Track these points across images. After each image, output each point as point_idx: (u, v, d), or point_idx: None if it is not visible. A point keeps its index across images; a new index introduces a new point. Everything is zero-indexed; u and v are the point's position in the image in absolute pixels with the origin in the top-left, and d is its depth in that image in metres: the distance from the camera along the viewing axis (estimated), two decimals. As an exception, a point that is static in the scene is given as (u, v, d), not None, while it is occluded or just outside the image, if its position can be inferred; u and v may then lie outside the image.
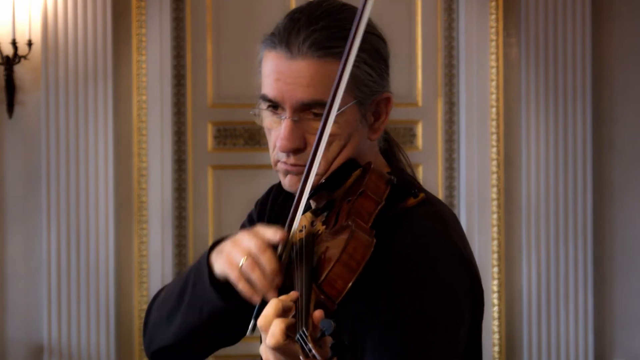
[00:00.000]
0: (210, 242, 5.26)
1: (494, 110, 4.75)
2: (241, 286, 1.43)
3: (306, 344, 1.25)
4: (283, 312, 1.32)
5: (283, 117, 1.52)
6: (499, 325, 4.77)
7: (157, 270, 4.67)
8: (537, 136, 4.72)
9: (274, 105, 1.54)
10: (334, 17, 1.52)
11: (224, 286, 1.49)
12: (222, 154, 4.82)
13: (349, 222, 1.41)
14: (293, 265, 1.42)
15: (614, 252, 4.84)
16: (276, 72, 1.52)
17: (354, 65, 1.47)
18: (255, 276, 1.42)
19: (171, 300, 1.61)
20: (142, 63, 4.66)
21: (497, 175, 4.76)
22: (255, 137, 4.80)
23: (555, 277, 4.72)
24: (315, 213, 1.52)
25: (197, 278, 1.55)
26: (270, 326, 1.30)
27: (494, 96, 4.74)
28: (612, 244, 4.84)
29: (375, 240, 1.38)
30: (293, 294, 1.35)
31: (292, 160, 1.53)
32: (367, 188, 1.46)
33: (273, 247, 1.44)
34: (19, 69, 4.56)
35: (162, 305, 1.65)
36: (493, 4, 4.73)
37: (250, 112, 1.59)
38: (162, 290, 1.72)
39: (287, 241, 1.45)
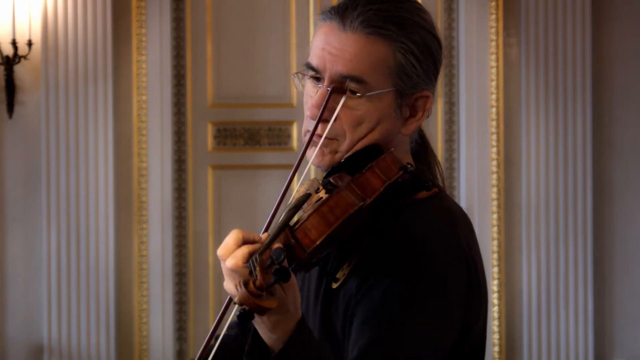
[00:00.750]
0: (210, 242, 5.24)
1: (494, 110, 4.75)
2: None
3: (255, 269, 1.28)
4: (243, 244, 1.35)
5: (320, 86, 1.53)
6: (499, 325, 4.77)
7: (157, 270, 4.67)
8: (537, 136, 4.72)
9: (316, 77, 1.55)
10: (395, 4, 1.53)
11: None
12: (222, 154, 4.82)
13: (342, 184, 1.42)
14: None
15: (614, 252, 4.84)
16: (324, 42, 1.53)
17: (401, 53, 1.50)
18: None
19: None
20: (142, 63, 4.66)
21: (497, 175, 4.76)
22: (255, 137, 4.80)
23: (555, 277, 4.72)
24: (326, 185, 1.52)
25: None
26: (228, 255, 1.34)
27: (494, 96, 4.74)
28: (612, 244, 4.84)
29: (362, 204, 1.38)
30: (262, 236, 1.38)
31: (319, 130, 1.53)
32: (376, 165, 1.46)
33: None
34: (19, 69, 4.56)
35: None
36: (493, 4, 4.73)
37: (292, 74, 1.61)
38: None
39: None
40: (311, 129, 1.53)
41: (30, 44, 4.49)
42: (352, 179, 1.44)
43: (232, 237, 1.36)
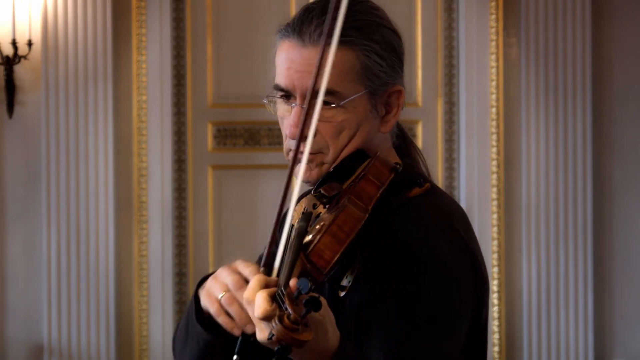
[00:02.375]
0: (210, 242, 5.24)
1: (494, 110, 4.75)
2: (221, 320, 1.45)
3: (283, 303, 1.27)
4: (266, 286, 1.34)
5: (293, 105, 1.54)
6: (499, 325, 4.77)
7: (157, 270, 4.67)
8: (537, 136, 4.72)
9: (287, 95, 1.55)
10: (348, 8, 1.51)
11: (210, 320, 1.50)
12: (222, 154, 4.82)
13: (345, 200, 1.42)
14: (289, 242, 1.43)
15: (614, 252, 4.84)
16: (288, 61, 1.54)
17: (365, 56, 1.50)
18: (234, 310, 1.43)
19: (182, 331, 1.64)
20: (142, 63, 4.66)
21: (497, 175, 4.76)
22: (255, 137, 4.80)
23: (555, 277, 4.72)
24: (320, 198, 1.53)
25: (190, 313, 1.57)
26: (254, 297, 1.33)
27: (494, 96, 4.74)
28: (612, 244, 4.84)
29: (367, 216, 1.39)
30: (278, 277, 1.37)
31: (301, 148, 1.52)
32: (368, 172, 1.46)
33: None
34: (19, 69, 4.56)
35: (179, 336, 1.68)
36: (493, 4, 4.73)
37: (263, 101, 1.61)
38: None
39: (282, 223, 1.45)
40: (293, 147, 1.53)
41: (30, 44, 4.49)
42: (349, 190, 1.44)
43: (255, 281, 1.35)
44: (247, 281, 1.44)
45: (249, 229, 4.70)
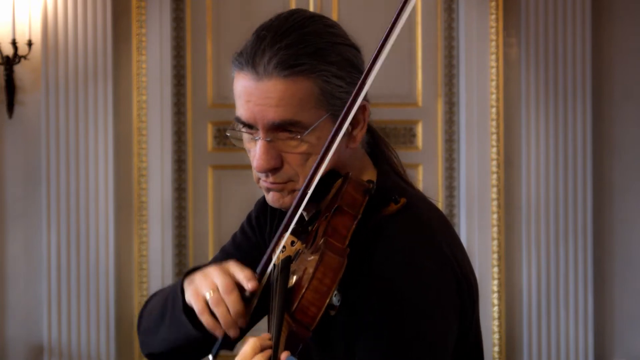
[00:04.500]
0: (210, 242, 5.23)
1: (494, 110, 4.75)
2: (204, 319, 1.45)
3: None
4: (261, 351, 1.34)
5: (257, 138, 1.52)
6: (499, 325, 4.77)
7: (157, 270, 4.67)
8: (537, 136, 4.72)
9: (250, 126, 1.53)
10: (300, 31, 1.50)
11: (192, 313, 1.50)
12: (222, 154, 4.82)
13: (321, 243, 1.40)
14: (272, 287, 1.43)
15: (614, 252, 4.84)
16: (246, 94, 1.52)
17: (323, 81, 1.48)
18: (220, 312, 1.44)
19: (156, 313, 1.65)
20: (142, 63, 4.66)
21: (497, 175, 4.76)
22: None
23: (555, 277, 4.72)
24: (296, 233, 1.51)
25: (174, 302, 1.57)
26: None
27: (494, 96, 4.74)
28: (612, 244, 4.84)
29: (346, 261, 1.38)
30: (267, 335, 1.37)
31: (270, 179, 1.54)
32: (342, 202, 1.45)
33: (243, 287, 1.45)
34: (19, 69, 4.56)
35: (150, 315, 1.69)
36: (493, 4, 4.73)
37: (227, 134, 1.60)
38: (154, 296, 1.75)
39: (261, 283, 1.45)
40: (262, 177, 1.54)
41: (30, 44, 4.49)
42: (326, 229, 1.43)
43: (249, 346, 1.35)
44: (238, 285, 1.44)
45: (249, 229, 4.70)
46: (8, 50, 4.51)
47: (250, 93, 1.51)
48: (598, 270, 4.80)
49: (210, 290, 1.45)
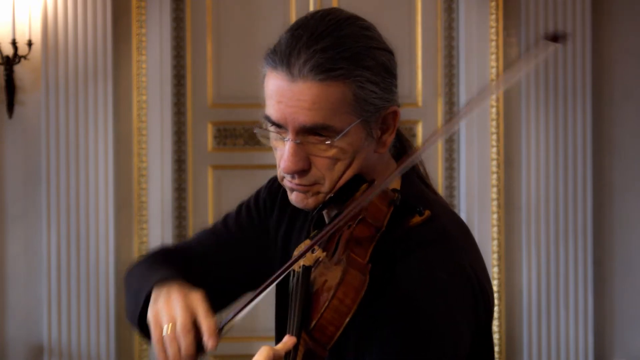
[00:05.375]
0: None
1: (494, 110, 4.75)
2: (157, 349, 1.46)
3: None
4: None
5: (286, 139, 1.50)
6: (499, 326, 4.77)
7: (157, 270, 4.67)
8: (537, 136, 4.72)
9: (279, 125, 1.51)
10: (337, 34, 1.47)
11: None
12: (222, 154, 4.82)
13: (343, 258, 1.38)
14: (291, 296, 1.41)
15: (614, 252, 4.84)
16: (278, 95, 1.49)
17: (357, 86, 1.46)
18: (171, 350, 1.44)
19: (133, 289, 1.65)
20: (142, 63, 4.66)
21: (497, 175, 4.76)
22: (255, 137, 4.78)
23: (555, 277, 4.72)
24: (315, 236, 1.49)
25: (136, 306, 1.59)
26: None
27: (494, 96, 4.74)
28: (612, 244, 4.84)
29: (368, 279, 1.36)
30: (288, 345, 1.34)
31: (297, 180, 1.52)
32: (367, 214, 1.43)
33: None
34: (19, 69, 4.56)
35: (129, 287, 1.69)
36: (493, 4, 4.73)
37: (255, 131, 1.58)
38: (140, 263, 1.74)
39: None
40: (287, 177, 1.52)
41: (30, 44, 4.49)
42: (349, 240, 1.41)
43: (263, 355, 1.33)
44: (193, 328, 1.43)
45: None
46: (8, 50, 4.50)
47: (283, 94, 1.48)
48: (598, 270, 4.80)
49: (170, 323, 1.44)
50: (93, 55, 4.55)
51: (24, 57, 4.50)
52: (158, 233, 4.67)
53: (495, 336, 4.78)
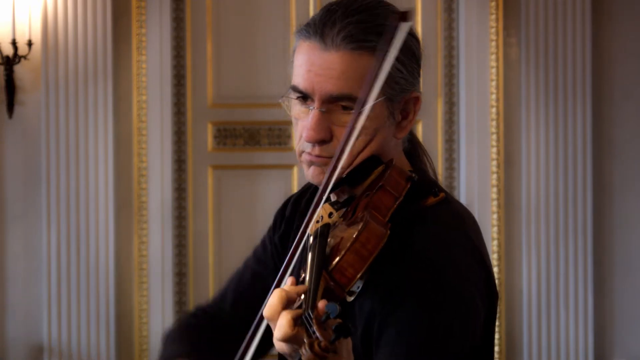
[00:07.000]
0: (210, 242, 5.21)
1: (494, 110, 4.75)
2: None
3: (310, 326, 1.25)
4: (288, 302, 1.33)
5: (311, 108, 1.52)
6: (499, 325, 4.77)
7: (157, 270, 4.67)
8: (537, 136, 4.72)
9: (304, 96, 1.53)
10: (371, 12, 1.51)
11: None
12: (222, 154, 4.82)
13: (365, 214, 1.41)
14: (307, 254, 1.42)
15: (614, 252, 4.84)
16: (308, 63, 1.52)
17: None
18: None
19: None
20: (142, 63, 4.66)
21: (497, 175, 4.76)
22: (255, 137, 4.80)
23: (555, 277, 4.72)
24: (334, 205, 1.52)
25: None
26: (276, 316, 1.31)
27: (494, 96, 4.74)
28: (612, 244, 4.84)
29: (389, 232, 1.39)
30: (300, 287, 1.35)
31: (316, 151, 1.53)
32: (386, 183, 1.46)
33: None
34: (19, 69, 4.56)
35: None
36: (493, 4, 4.73)
37: (279, 100, 1.59)
38: (170, 332, 1.78)
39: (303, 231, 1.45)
40: (307, 149, 1.53)
41: (30, 44, 4.49)
42: (367, 201, 1.44)
43: (276, 297, 1.34)
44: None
45: (249, 229, 4.69)
46: (8, 50, 4.50)
47: (313, 62, 1.51)
48: (598, 270, 4.80)
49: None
50: (93, 55, 4.55)
51: (24, 57, 4.50)
52: (158, 233, 4.67)
53: (495, 336, 4.78)
